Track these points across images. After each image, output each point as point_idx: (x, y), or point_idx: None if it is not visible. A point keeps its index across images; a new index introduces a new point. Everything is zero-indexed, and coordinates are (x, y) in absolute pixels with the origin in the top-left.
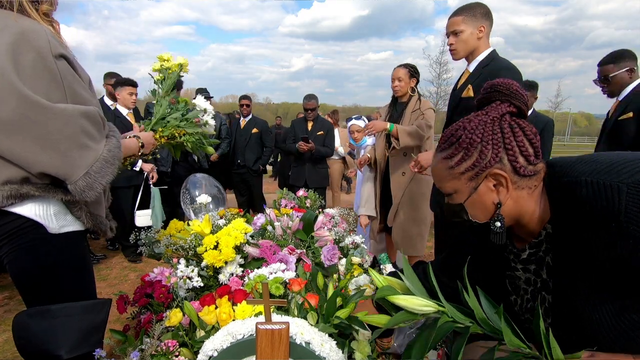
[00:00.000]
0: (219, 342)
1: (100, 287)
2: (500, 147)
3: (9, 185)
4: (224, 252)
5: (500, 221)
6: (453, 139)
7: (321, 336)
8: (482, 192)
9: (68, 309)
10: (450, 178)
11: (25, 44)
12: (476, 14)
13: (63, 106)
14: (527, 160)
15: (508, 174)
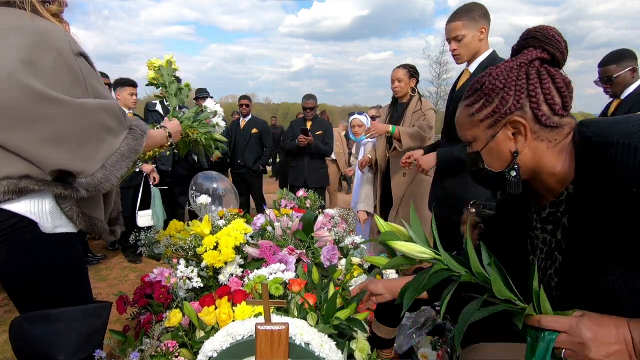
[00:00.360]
0: (218, 342)
1: (100, 288)
2: (523, 94)
3: (7, 180)
4: (223, 253)
5: (516, 170)
6: (477, 86)
7: (321, 337)
8: (499, 140)
9: (69, 313)
10: (470, 125)
11: (44, 44)
12: (475, 17)
13: (83, 101)
14: (552, 109)
15: (528, 122)
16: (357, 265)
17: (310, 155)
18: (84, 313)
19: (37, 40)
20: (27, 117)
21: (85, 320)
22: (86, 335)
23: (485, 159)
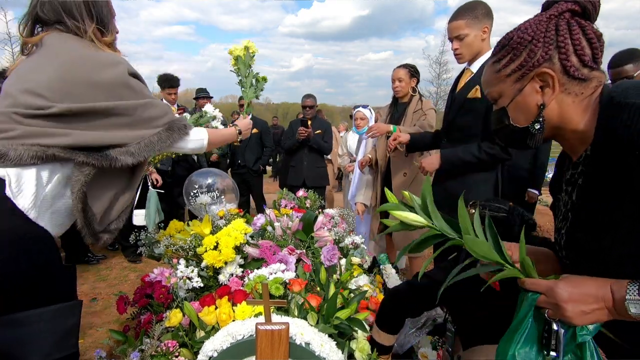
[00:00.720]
0: (219, 342)
1: (100, 288)
2: (552, 45)
3: (37, 146)
4: (223, 253)
5: (540, 123)
6: (504, 41)
7: (321, 337)
8: (526, 94)
9: (37, 315)
10: (496, 81)
11: (106, 66)
12: (478, 15)
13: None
14: (582, 61)
15: (556, 73)
16: (357, 265)
17: (309, 155)
18: (54, 313)
19: (100, 63)
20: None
21: (57, 320)
22: (59, 335)
23: (511, 114)
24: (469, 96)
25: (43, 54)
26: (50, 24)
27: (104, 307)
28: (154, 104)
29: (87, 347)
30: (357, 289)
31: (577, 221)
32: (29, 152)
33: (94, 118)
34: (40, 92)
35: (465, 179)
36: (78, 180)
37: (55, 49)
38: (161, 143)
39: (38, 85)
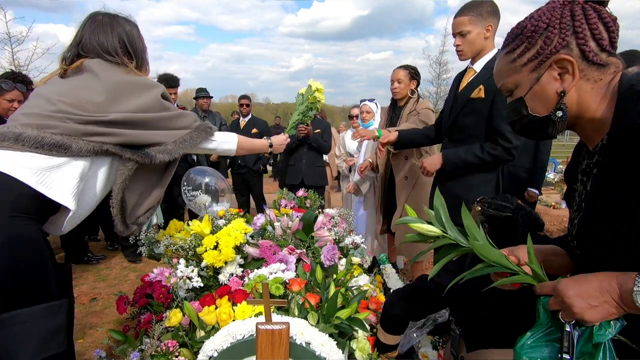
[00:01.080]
0: (219, 342)
1: (100, 288)
2: (569, 31)
3: (95, 142)
4: (223, 252)
5: (563, 110)
6: (517, 31)
7: (321, 336)
8: (545, 82)
9: (20, 316)
10: (511, 72)
11: (146, 87)
12: (483, 13)
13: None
14: (600, 45)
15: (575, 59)
16: (357, 265)
17: (308, 153)
18: (39, 313)
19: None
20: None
21: (42, 320)
22: (45, 334)
23: (529, 104)
24: (472, 96)
25: (88, 76)
26: (88, 57)
27: (103, 307)
28: (185, 114)
29: (87, 347)
30: (357, 288)
31: (591, 211)
32: (87, 146)
33: (141, 126)
34: (94, 105)
35: (467, 180)
36: (122, 174)
37: (99, 73)
38: (192, 141)
39: (90, 100)
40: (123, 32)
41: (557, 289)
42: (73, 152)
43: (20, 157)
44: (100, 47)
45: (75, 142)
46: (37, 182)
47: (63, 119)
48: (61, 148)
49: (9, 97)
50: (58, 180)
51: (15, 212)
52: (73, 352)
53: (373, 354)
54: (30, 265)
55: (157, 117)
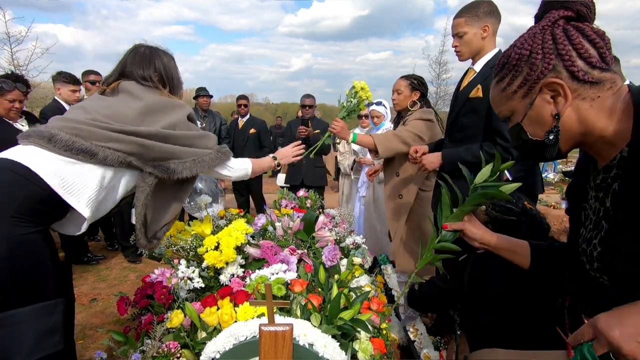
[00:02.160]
0: (221, 343)
1: (100, 288)
2: (552, 55)
3: (121, 152)
4: (224, 253)
5: (554, 133)
6: (504, 60)
7: (324, 338)
8: (538, 107)
9: (15, 316)
10: (505, 100)
11: (175, 107)
12: (479, 14)
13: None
14: (589, 63)
15: (565, 80)
16: (358, 266)
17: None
18: (34, 313)
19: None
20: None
21: (37, 319)
22: (40, 334)
23: (528, 129)
24: (470, 95)
25: (125, 95)
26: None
27: (104, 308)
28: (208, 136)
29: (87, 347)
30: (359, 289)
31: (616, 227)
32: (113, 155)
33: (166, 140)
34: (128, 118)
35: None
36: (143, 190)
37: (137, 93)
38: (210, 162)
39: (126, 114)
40: (160, 64)
41: (600, 331)
42: (99, 160)
43: (49, 157)
44: (139, 77)
45: (102, 151)
46: (59, 184)
47: (95, 126)
48: (87, 154)
49: (10, 97)
50: (79, 187)
51: (17, 213)
52: (74, 352)
53: (376, 355)
54: (27, 266)
55: (181, 134)
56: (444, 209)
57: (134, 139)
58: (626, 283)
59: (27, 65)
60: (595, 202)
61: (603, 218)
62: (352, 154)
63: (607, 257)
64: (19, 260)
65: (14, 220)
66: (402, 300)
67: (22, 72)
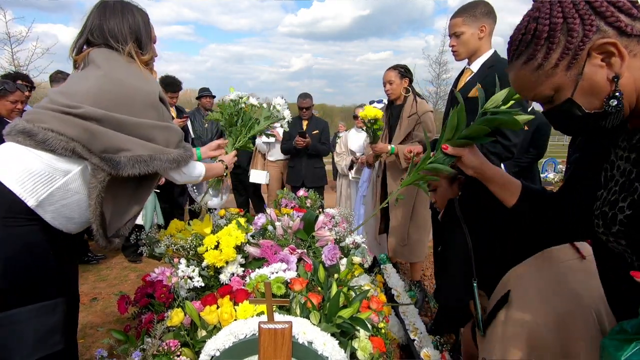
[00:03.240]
0: (221, 341)
1: (100, 287)
2: (591, 15)
3: (64, 136)
4: (224, 252)
5: (617, 98)
6: (528, 37)
7: (323, 336)
8: (590, 74)
9: (14, 316)
10: (542, 79)
11: (140, 86)
12: (476, 14)
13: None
14: (630, 16)
15: (615, 38)
16: (358, 265)
17: (308, 155)
18: (33, 312)
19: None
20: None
21: (37, 319)
22: (41, 333)
23: (581, 102)
24: (469, 95)
25: (89, 68)
26: (96, 45)
27: (104, 307)
28: (172, 129)
29: (88, 346)
30: (358, 288)
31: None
32: (54, 139)
33: (114, 126)
34: (76, 98)
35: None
36: (95, 187)
37: (98, 65)
38: (169, 164)
39: (77, 92)
40: (132, 19)
41: None
42: (38, 141)
43: (14, 153)
44: (109, 33)
45: (43, 133)
46: (16, 180)
47: (46, 108)
48: (25, 134)
49: (12, 98)
50: (25, 177)
51: (10, 213)
52: (75, 351)
53: (375, 353)
54: (25, 265)
55: (139, 123)
56: (447, 131)
57: (76, 121)
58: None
59: (27, 65)
60: (626, 163)
61: (637, 180)
62: (349, 154)
63: (635, 223)
64: (18, 260)
65: (5, 220)
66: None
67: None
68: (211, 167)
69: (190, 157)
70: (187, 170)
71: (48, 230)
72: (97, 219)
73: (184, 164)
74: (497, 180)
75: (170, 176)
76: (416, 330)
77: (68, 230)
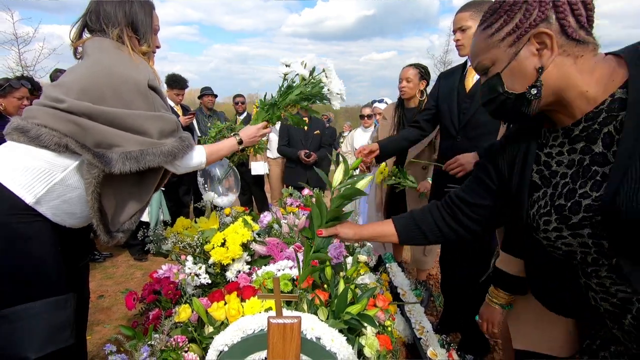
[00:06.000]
0: (229, 336)
1: (107, 285)
2: (548, 4)
3: (57, 132)
4: (231, 250)
5: (537, 88)
6: (496, 5)
7: (331, 332)
8: (523, 57)
9: (24, 311)
10: (489, 48)
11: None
12: (484, 9)
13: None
14: (578, 21)
15: (554, 33)
16: (363, 263)
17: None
18: (44, 308)
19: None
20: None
21: (47, 314)
22: (52, 328)
23: (506, 81)
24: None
25: (82, 59)
26: (94, 31)
27: (110, 305)
28: (165, 118)
29: (95, 343)
30: (364, 286)
31: (624, 160)
32: (47, 135)
33: (111, 121)
34: (62, 90)
35: None
36: (90, 183)
37: (88, 55)
38: (164, 157)
39: (65, 83)
40: (129, 5)
41: None
42: (31, 137)
43: (10, 156)
44: (103, 15)
45: (36, 129)
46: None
47: (39, 104)
48: (20, 132)
49: (18, 94)
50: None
51: (13, 210)
52: (85, 347)
53: (382, 351)
54: (32, 260)
55: (130, 114)
56: (315, 220)
57: (66, 116)
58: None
59: (34, 66)
60: (571, 155)
61: (594, 164)
62: (354, 154)
63: (619, 196)
64: (24, 255)
65: (9, 217)
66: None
67: (29, 72)
68: (219, 147)
69: (187, 147)
70: (183, 163)
71: (52, 226)
72: (97, 214)
73: (180, 155)
74: (376, 235)
75: (178, 167)
76: (422, 329)
77: (71, 225)
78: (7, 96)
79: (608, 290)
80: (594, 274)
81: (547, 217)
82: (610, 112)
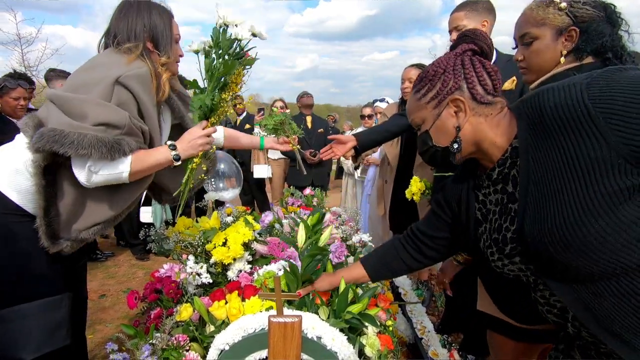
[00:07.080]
0: (230, 335)
1: (109, 285)
2: (460, 76)
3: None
4: (232, 249)
5: (458, 142)
6: (423, 74)
7: (332, 331)
8: (444, 118)
9: (19, 311)
10: (418, 109)
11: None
12: (479, 9)
13: None
14: (485, 90)
15: (466, 99)
16: None
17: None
18: (38, 308)
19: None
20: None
21: (43, 314)
22: (48, 328)
23: (433, 137)
24: (503, 88)
25: None
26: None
27: (112, 304)
28: (111, 108)
29: (96, 342)
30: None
31: (529, 201)
32: (26, 125)
33: (60, 104)
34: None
35: None
36: (35, 174)
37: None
38: (91, 148)
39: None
40: (148, 18)
41: None
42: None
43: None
44: (124, 33)
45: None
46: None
47: None
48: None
49: (14, 95)
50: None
51: (7, 209)
52: (85, 346)
53: (383, 350)
54: (26, 261)
55: (70, 97)
56: (291, 287)
57: (46, 105)
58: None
59: (37, 66)
60: (496, 195)
61: (509, 202)
62: None
63: (521, 232)
64: (17, 256)
65: (5, 216)
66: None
67: (32, 73)
68: (148, 154)
69: (119, 151)
70: (96, 168)
71: None
72: (40, 212)
73: (108, 155)
74: (349, 280)
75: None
76: (424, 329)
77: None
78: (4, 96)
79: (549, 301)
80: (537, 289)
81: (490, 249)
82: (512, 158)
